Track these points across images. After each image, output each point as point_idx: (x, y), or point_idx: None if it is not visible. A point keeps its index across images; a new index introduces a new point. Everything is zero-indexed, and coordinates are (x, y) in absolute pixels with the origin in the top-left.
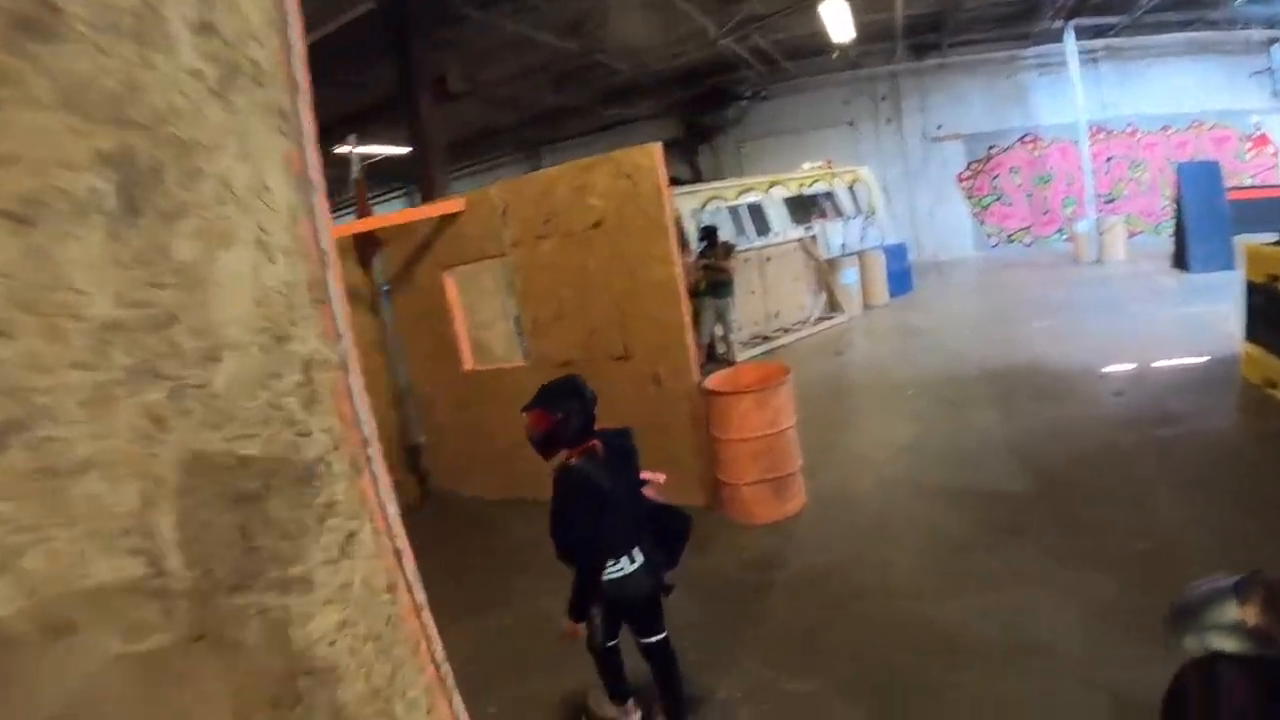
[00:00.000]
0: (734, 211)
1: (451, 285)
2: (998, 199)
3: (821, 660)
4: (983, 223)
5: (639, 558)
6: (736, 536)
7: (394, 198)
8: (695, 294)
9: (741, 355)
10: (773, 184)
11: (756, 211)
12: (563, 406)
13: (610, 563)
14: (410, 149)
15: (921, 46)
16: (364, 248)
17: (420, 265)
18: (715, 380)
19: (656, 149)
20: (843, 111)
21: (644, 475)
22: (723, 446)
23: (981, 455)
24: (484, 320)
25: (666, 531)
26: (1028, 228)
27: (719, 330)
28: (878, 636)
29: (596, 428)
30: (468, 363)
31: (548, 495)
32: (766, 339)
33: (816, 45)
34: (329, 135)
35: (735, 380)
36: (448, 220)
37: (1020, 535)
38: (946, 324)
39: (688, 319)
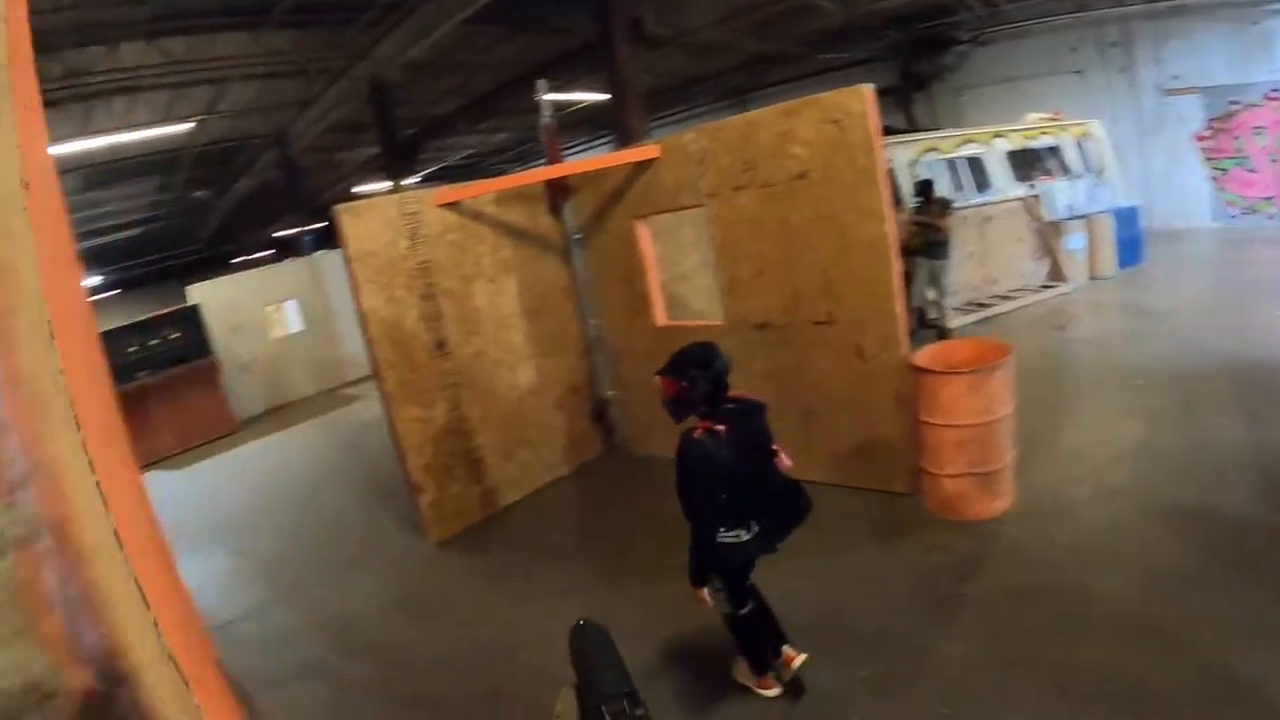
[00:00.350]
0: (951, 165)
1: (645, 236)
2: (1239, 163)
3: (1006, 704)
4: (1222, 189)
5: (754, 529)
6: (934, 532)
7: (598, 145)
8: (907, 252)
9: (954, 323)
10: (996, 135)
11: (976, 165)
12: (687, 375)
13: (724, 530)
14: (609, 96)
15: None
16: (555, 195)
17: (613, 214)
18: (925, 357)
19: (868, 91)
20: (1069, 59)
21: (776, 448)
22: (927, 431)
23: (1219, 469)
24: (682, 273)
25: (787, 510)
26: (1271, 198)
27: (931, 294)
28: (1076, 685)
29: (735, 394)
30: (660, 318)
31: None
32: (981, 306)
33: None
34: (525, 83)
35: (947, 357)
36: (642, 168)
37: (1263, 576)
38: (1182, 304)
39: (899, 284)
